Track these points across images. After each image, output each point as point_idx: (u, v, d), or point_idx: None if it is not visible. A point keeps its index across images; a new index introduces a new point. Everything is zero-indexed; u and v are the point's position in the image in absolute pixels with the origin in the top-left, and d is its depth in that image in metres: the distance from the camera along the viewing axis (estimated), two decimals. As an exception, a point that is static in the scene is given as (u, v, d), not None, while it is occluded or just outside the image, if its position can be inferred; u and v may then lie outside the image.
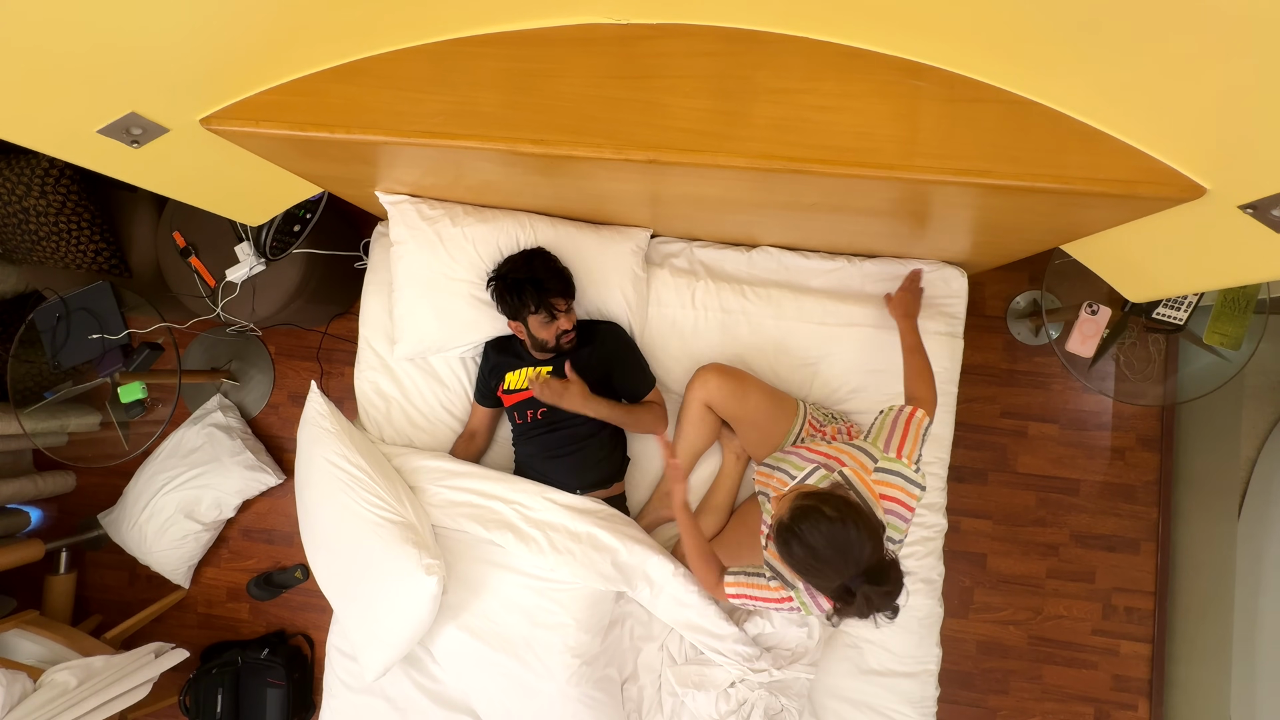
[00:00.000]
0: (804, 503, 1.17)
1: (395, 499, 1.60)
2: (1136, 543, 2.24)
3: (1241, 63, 0.86)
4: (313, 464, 1.66)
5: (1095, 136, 1.12)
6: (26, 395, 2.19)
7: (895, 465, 1.29)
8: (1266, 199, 1.01)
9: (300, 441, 1.72)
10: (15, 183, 1.90)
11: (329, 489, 1.61)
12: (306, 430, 1.71)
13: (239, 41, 1.11)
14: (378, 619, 1.56)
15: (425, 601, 1.50)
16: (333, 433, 1.67)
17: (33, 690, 1.79)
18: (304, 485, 1.71)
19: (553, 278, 1.62)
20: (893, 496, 1.28)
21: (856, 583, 1.12)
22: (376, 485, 1.60)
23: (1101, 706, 2.22)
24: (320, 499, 1.65)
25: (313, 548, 1.71)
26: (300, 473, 1.72)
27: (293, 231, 1.99)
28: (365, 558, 1.56)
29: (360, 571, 1.57)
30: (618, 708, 1.65)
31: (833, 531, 1.13)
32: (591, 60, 1.21)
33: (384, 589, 1.53)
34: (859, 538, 1.13)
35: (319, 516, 1.67)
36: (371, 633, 1.57)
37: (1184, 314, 1.81)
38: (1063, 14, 0.93)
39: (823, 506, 1.15)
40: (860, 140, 1.16)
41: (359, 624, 1.61)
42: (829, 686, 1.70)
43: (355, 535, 1.57)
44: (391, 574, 1.52)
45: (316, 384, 1.75)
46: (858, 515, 1.15)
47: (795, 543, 1.15)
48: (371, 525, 1.55)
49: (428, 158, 1.40)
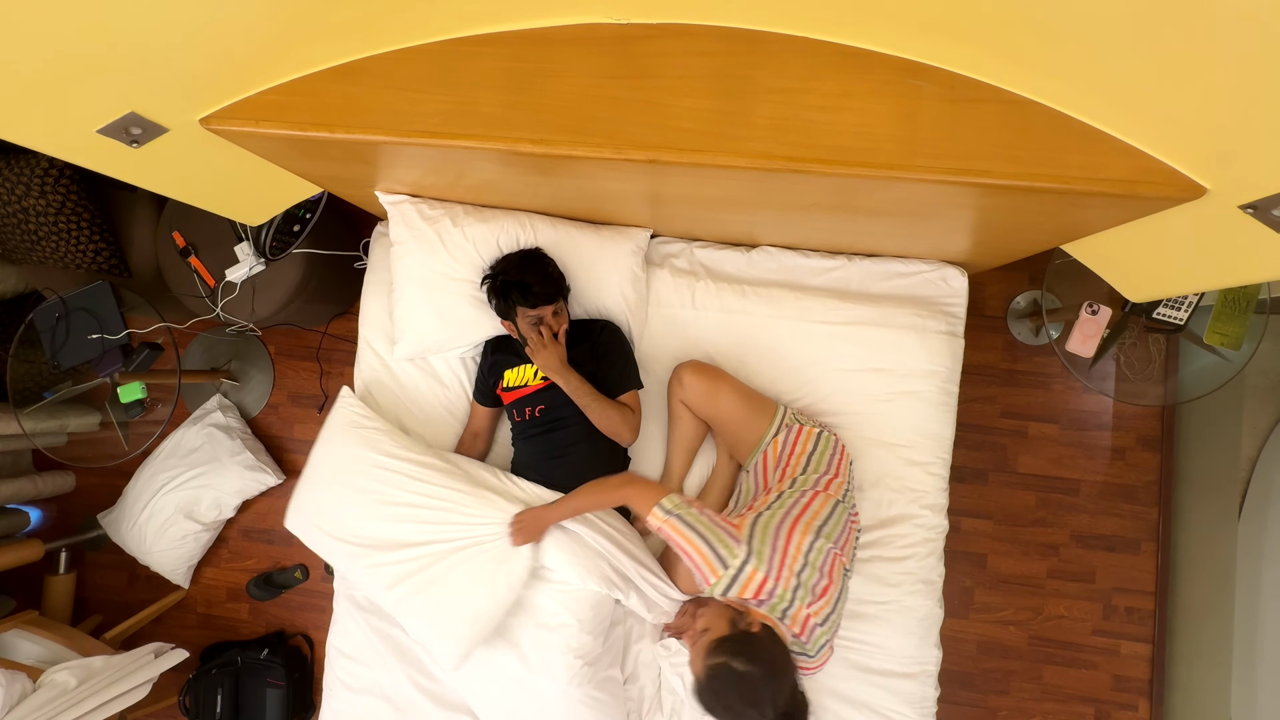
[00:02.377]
0: (714, 660, 1.25)
1: (469, 482, 1.60)
2: (1137, 543, 2.24)
3: (1241, 63, 0.86)
4: (359, 468, 1.64)
5: (1095, 136, 1.12)
6: (26, 395, 2.19)
7: (720, 586, 1.33)
8: (1267, 199, 1.01)
9: (335, 445, 1.69)
10: (15, 183, 1.90)
11: (389, 486, 1.60)
12: (346, 434, 1.68)
13: (238, 41, 1.11)
14: (464, 597, 1.53)
15: (524, 564, 1.51)
16: (383, 430, 1.67)
17: (32, 690, 1.79)
18: (347, 490, 1.65)
19: (541, 282, 1.62)
20: (748, 597, 1.34)
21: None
22: (444, 472, 1.61)
23: (1102, 707, 2.22)
24: (377, 500, 1.61)
25: (356, 551, 1.62)
26: (334, 478, 1.67)
27: (292, 231, 1.99)
28: (446, 550, 1.55)
29: (439, 558, 1.55)
30: (620, 708, 1.64)
31: (744, 686, 1.22)
32: (591, 60, 1.20)
33: (473, 566, 1.52)
34: (768, 684, 1.23)
35: (375, 516, 1.61)
36: (455, 616, 1.54)
37: (1184, 314, 1.81)
38: (1063, 14, 0.93)
39: (732, 661, 1.24)
40: (860, 140, 1.16)
41: (436, 612, 1.56)
42: (828, 686, 1.70)
43: (431, 524, 1.56)
44: (484, 553, 1.52)
45: (349, 388, 1.76)
46: (765, 658, 1.25)
47: (714, 703, 1.25)
48: (448, 508, 1.56)
49: (428, 158, 1.40)
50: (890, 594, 1.68)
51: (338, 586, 1.81)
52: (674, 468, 1.77)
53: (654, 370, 1.83)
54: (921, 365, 1.74)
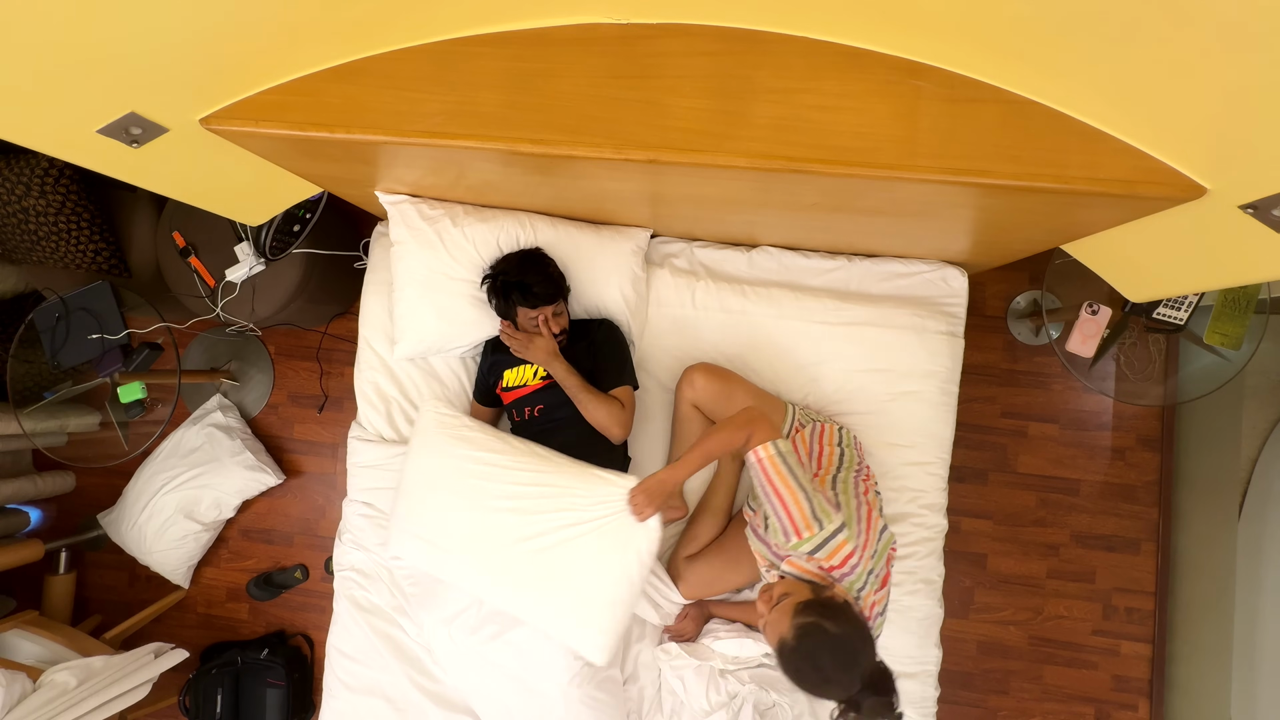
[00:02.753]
0: (805, 620, 1.19)
1: (572, 465, 1.54)
2: (1137, 543, 2.24)
3: (1242, 63, 0.86)
4: (459, 468, 1.56)
5: (1095, 136, 1.12)
6: (26, 395, 2.19)
7: (808, 545, 1.28)
8: (1267, 199, 1.01)
9: (429, 451, 1.62)
10: (15, 183, 1.90)
11: (493, 481, 1.52)
12: (438, 437, 1.61)
13: (239, 41, 1.11)
14: (597, 584, 1.45)
15: (652, 536, 1.43)
16: (473, 425, 1.62)
17: (32, 690, 1.79)
18: (451, 494, 1.57)
19: (541, 282, 1.62)
20: (831, 566, 1.29)
21: (863, 695, 1.16)
22: (543, 458, 1.55)
23: (1102, 707, 2.22)
24: (484, 497, 1.53)
25: (463, 562, 1.55)
26: (435, 486, 1.59)
27: (292, 231, 1.99)
28: (568, 536, 1.46)
29: (558, 547, 1.46)
30: (620, 708, 1.64)
31: (837, 647, 1.17)
32: (591, 60, 1.20)
33: (597, 549, 1.44)
34: (861, 647, 1.18)
35: (484, 517, 1.53)
36: (591, 606, 1.45)
37: (1184, 314, 1.81)
38: (1063, 13, 0.93)
39: (825, 622, 1.18)
40: (860, 140, 1.16)
41: (570, 607, 1.47)
42: (829, 687, 1.70)
43: (545, 513, 1.47)
44: (607, 534, 1.43)
45: (434, 399, 1.71)
46: (856, 624, 1.20)
47: (804, 664, 1.18)
48: (557, 493, 1.48)
49: (428, 158, 1.40)
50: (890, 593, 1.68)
51: (338, 586, 1.81)
52: (677, 468, 1.77)
53: (653, 370, 1.83)
54: (921, 365, 1.74)
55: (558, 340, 1.67)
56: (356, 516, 1.82)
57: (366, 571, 1.79)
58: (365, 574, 1.79)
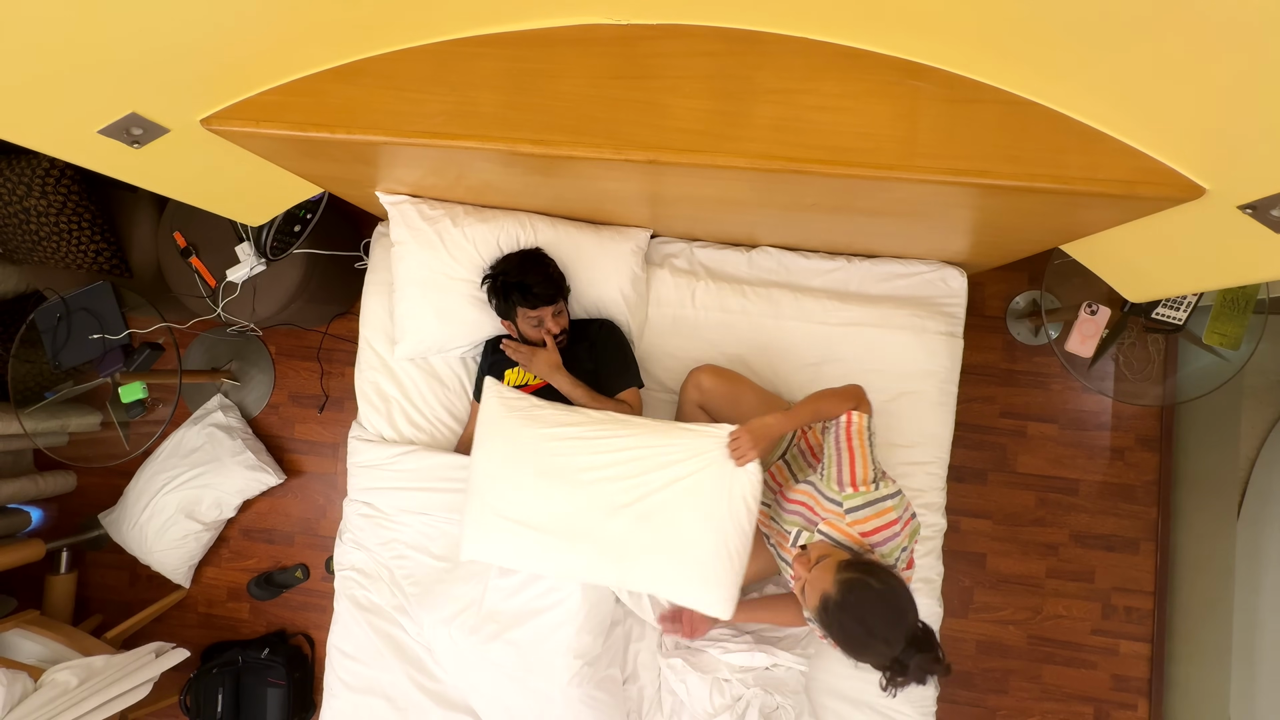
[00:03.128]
0: (850, 575, 1.17)
1: (652, 422, 1.49)
2: (1136, 542, 2.24)
3: (1241, 63, 0.86)
4: (536, 447, 1.47)
5: (1095, 136, 1.12)
6: (27, 395, 2.19)
7: (859, 499, 1.28)
8: (1266, 199, 1.01)
9: (499, 436, 1.53)
10: (16, 183, 1.91)
11: (577, 454, 1.45)
12: (507, 421, 1.52)
13: (239, 42, 1.11)
14: (707, 539, 1.39)
15: (755, 478, 1.37)
16: (539, 403, 1.55)
17: (33, 690, 1.79)
18: (535, 476, 1.48)
19: (542, 282, 1.62)
20: (875, 529, 1.28)
21: (908, 655, 1.13)
22: (622, 423, 1.48)
23: (1101, 706, 2.23)
24: (570, 471, 1.45)
25: (564, 541, 1.46)
26: (514, 467, 1.50)
27: (293, 231, 1.99)
28: (669, 496, 1.40)
29: (666, 514, 1.40)
30: (620, 708, 1.65)
31: (883, 602, 1.15)
32: (591, 60, 1.21)
33: (699, 504, 1.38)
34: (908, 604, 1.16)
35: (574, 491, 1.45)
36: (706, 562, 1.39)
37: (1183, 314, 1.81)
38: (1062, 14, 0.93)
39: (869, 579, 1.16)
40: (860, 140, 1.16)
41: (683, 567, 1.41)
42: (828, 685, 1.70)
43: (637, 477, 1.41)
44: (707, 486, 1.38)
45: (492, 379, 1.61)
46: (899, 581, 1.18)
47: (848, 619, 1.16)
48: (646, 454, 1.42)
49: (428, 158, 1.40)
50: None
51: (339, 586, 1.81)
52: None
53: (653, 370, 1.83)
54: (920, 365, 1.74)
55: (558, 340, 1.68)
56: (357, 516, 1.82)
57: (367, 571, 1.79)
58: (366, 573, 1.79)
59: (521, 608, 1.60)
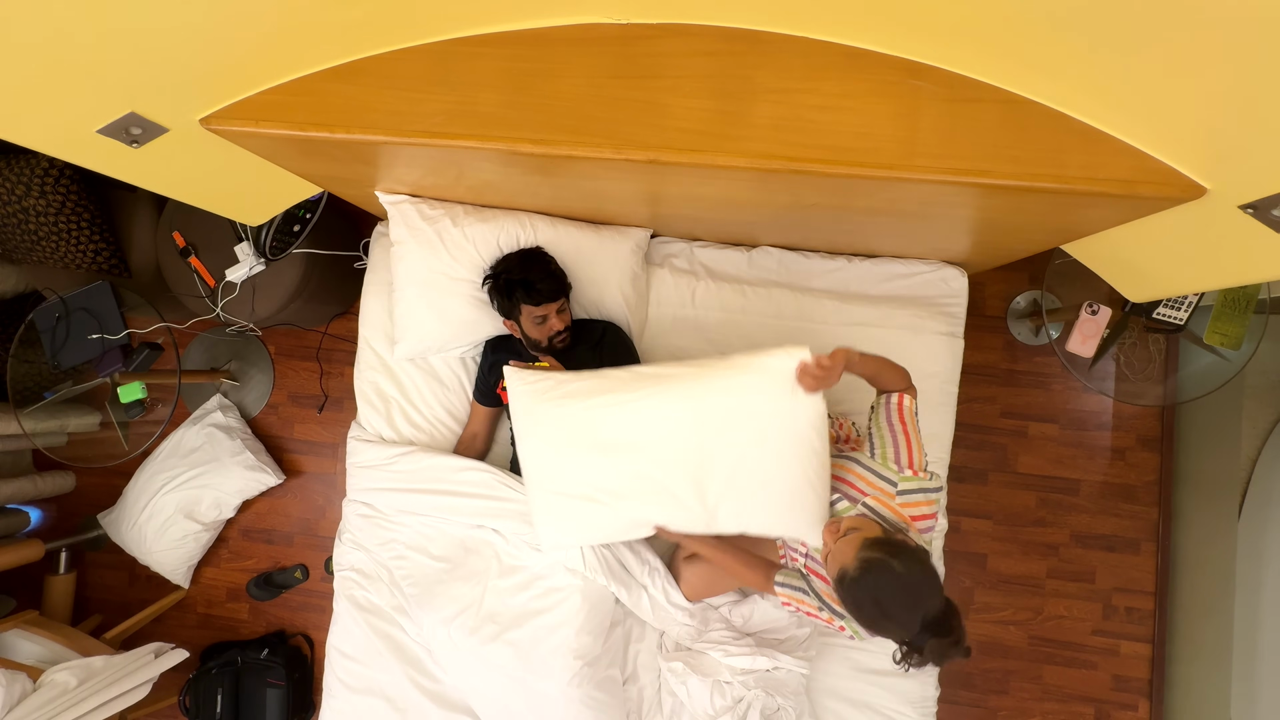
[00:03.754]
0: (871, 554, 1.15)
1: (707, 374, 1.36)
2: (1137, 543, 2.24)
3: (1241, 62, 0.86)
4: (593, 423, 1.39)
5: (1095, 136, 1.12)
6: (26, 395, 2.19)
7: (914, 483, 1.27)
8: (1266, 199, 1.01)
9: (545, 420, 1.44)
10: (15, 183, 1.90)
11: (643, 418, 1.36)
12: (541, 403, 1.43)
13: (239, 41, 1.11)
14: (788, 474, 1.33)
15: (819, 405, 1.29)
16: (578, 376, 1.44)
17: (32, 690, 1.79)
18: (592, 451, 1.41)
19: (545, 279, 1.62)
20: (921, 515, 1.27)
21: (922, 638, 1.11)
22: (673, 378, 1.37)
23: (1102, 707, 2.22)
24: (639, 440, 1.37)
25: (644, 504, 1.41)
26: (569, 447, 1.43)
27: (292, 231, 1.99)
28: (736, 441, 1.33)
29: (736, 458, 1.34)
30: (619, 708, 1.64)
31: (902, 586, 1.12)
32: (591, 60, 1.20)
33: (770, 439, 1.31)
34: (928, 591, 1.13)
35: (647, 459, 1.38)
36: (794, 496, 1.34)
37: (1184, 314, 1.81)
38: (1063, 14, 0.93)
39: (892, 560, 1.13)
40: (860, 140, 1.16)
41: (773, 509, 1.37)
42: (829, 686, 1.70)
43: (703, 425, 1.34)
44: (767, 430, 1.31)
45: (511, 365, 1.52)
46: (925, 566, 1.15)
47: (864, 597, 1.14)
48: (711, 397, 1.33)
49: (428, 158, 1.40)
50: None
51: (338, 586, 1.81)
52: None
53: (654, 370, 1.83)
54: (921, 366, 1.73)
55: (561, 338, 1.67)
56: (356, 516, 1.82)
57: (366, 571, 1.79)
58: (365, 574, 1.79)
59: (521, 608, 1.60)
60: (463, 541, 1.72)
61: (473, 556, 1.70)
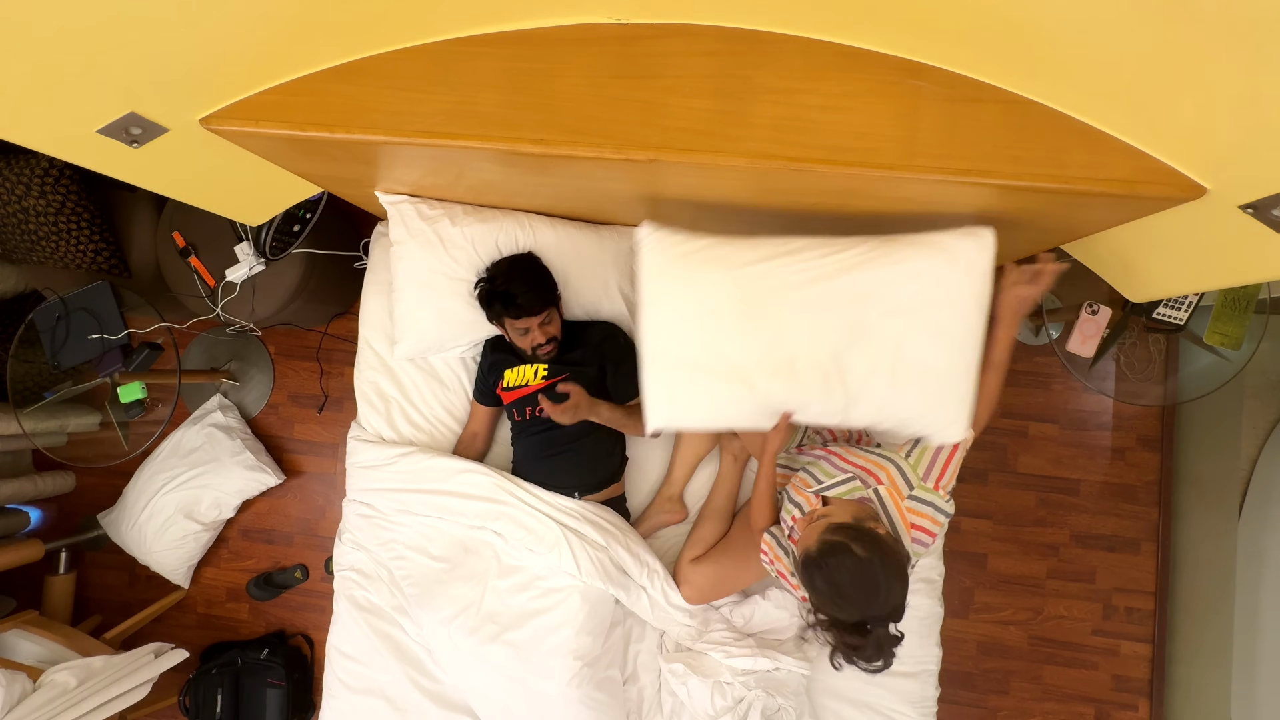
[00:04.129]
0: (834, 538, 1.16)
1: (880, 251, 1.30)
2: (1137, 543, 2.24)
3: (1241, 62, 0.86)
4: (735, 291, 1.30)
5: (1095, 136, 1.12)
6: (26, 395, 2.19)
7: (929, 496, 1.28)
8: (1267, 199, 1.01)
9: (679, 285, 1.33)
10: (15, 183, 1.90)
11: (803, 294, 1.28)
12: (681, 266, 1.32)
13: (239, 41, 1.11)
14: (938, 355, 1.27)
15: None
16: (720, 242, 1.33)
17: (32, 690, 1.79)
18: (741, 319, 1.30)
19: (527, 293, 1.60)
20: (921, 526, 1.28)
21: (875, 623, 1.13)
22: (829, 246, 1.30)
23: (1102, 707, 2.22)
24: (784, 318, 1.29)
25: (759, 387, 1.32)
26: (717, 311, 1.31)
27: (292, 231, 1.99)
28: (895, 328, 1.26)
29: (893, 344, 1.27)
30: (619, 708, 1.65)
31: (860, 571, 1.13)
32: (592, 60, 1.20)
33: (935, 330, 1.26)
34: (886, 581, 1.14)
35: (782, 338, 1.30)
36: (945, 379, 1.28)
37: (1184, 314, 1.81)
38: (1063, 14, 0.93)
39: (853, 545, 1.14)
40: (860, 140, 1.16)
41: (926, 392, 1.29)
42: (829, 686, 1.70)
43: (862, 304, 1.27)
44: (945, 297, 1.25)
45: (647, 224, 1.37)
46: (887, 556, 1.15)
47: (819, 577, 1.16)
48: (870, 277, 1.27)
49: (427, 158, 1.40)
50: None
51: (338, 586, 1.81)
52: (678, 474, 1.77)
53: (654, 370, 1.83)
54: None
55: (546, 348, 1.67)
56: (356, 516, 1.82)
57: (366, 571, 1.79)
58: (365, 574, 1.79)
59: (521, 608, 1.60)
60: (462, 542, 1.72)
61: (472, 557, 1.70)
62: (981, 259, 1.27)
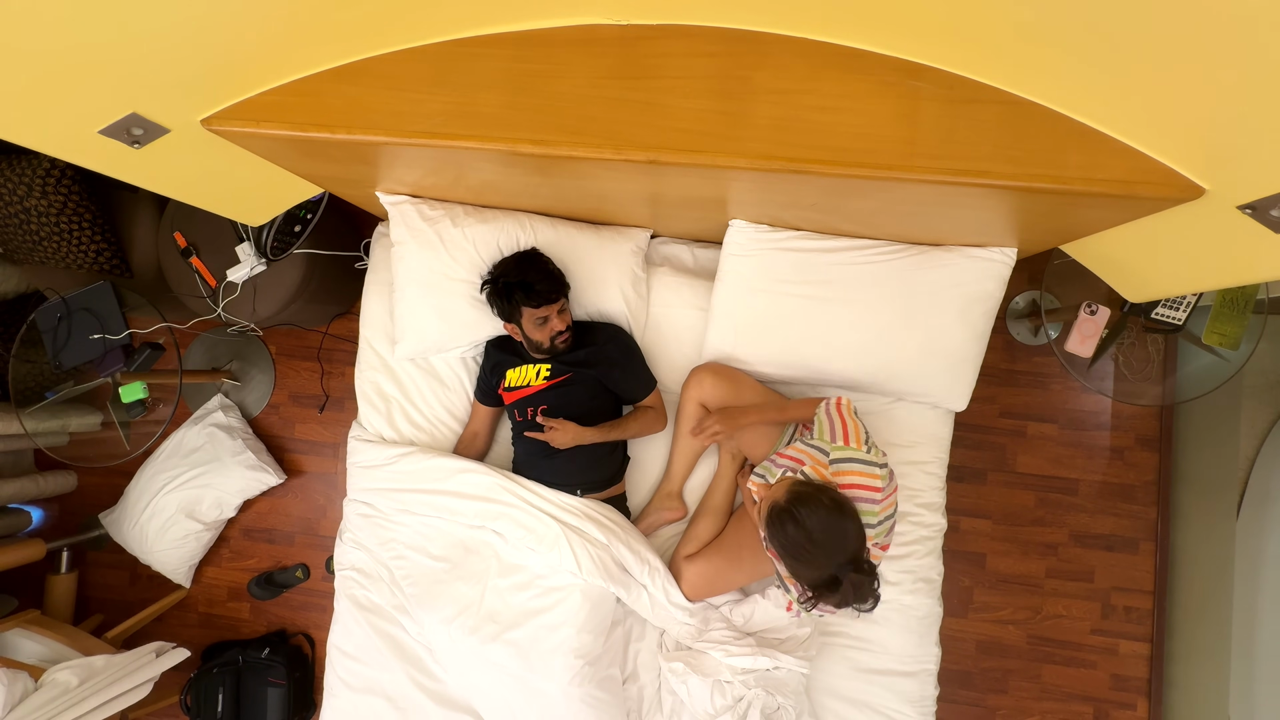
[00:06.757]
0: (801, 489, 1.25)
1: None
2: (1135, 542, 2.24)
3: (1240, 63, 0.86)
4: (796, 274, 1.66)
5: (1094, 136, 1.12)
6: (28, 395, 2.19)
7: (846, 452, 1.34)
8: (1265, 199, 1.01)
9: (756, 264, 1.68)
10: (16, 183, 1.91)
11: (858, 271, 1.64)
12: (753, 250, 1.67)
13: (240, 42, 1.11)
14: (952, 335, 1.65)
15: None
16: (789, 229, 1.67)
17: (34, 689, 1.79)
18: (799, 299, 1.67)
19: (544, 280, 1.62)
20: (853, 484, 1.32)
21: (844, 570, 1.19)
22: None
23: (1100, 706, 2.23)
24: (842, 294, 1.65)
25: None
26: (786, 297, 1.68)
27: (293, 231, 1.99)
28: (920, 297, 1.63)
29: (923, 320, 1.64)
30: (620, 707, 1.65)
31: (829, 518, 1.21)
32: (591, 60, 1.21)
33: (957, 317, 1.63)
34: (850, 526, 1.22)
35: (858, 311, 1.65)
36: (953, 369, 1.67)
37: (1183, 314, 1.81)
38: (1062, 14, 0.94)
39: (820, 495, 1.23)
40: (860, 140, 1.16)
41: (926, 363, 1.66)
42: (828, 686, 1.70)
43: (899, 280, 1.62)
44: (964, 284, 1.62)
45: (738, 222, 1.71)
46: (840, 499, 1.25)
47: (791, 525, 1.22)
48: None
49: (428, 158, 1.40)
50: (890, 592, 1.69)
51: (339, 586, 1.82)
52: (677, 470, 1.78)
53: (655, 370, 1.83)
54: (921, 365, 1.75)
55: (563, 338, 1.68)
56: (356, 516, 1.82)
57: (367, 571, 1.80)
58: (366, 573, 1.80)
59: (521, 608, 1.60)
60: (463, 541, 1.72)
61: (473, 556, 1.70)
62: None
